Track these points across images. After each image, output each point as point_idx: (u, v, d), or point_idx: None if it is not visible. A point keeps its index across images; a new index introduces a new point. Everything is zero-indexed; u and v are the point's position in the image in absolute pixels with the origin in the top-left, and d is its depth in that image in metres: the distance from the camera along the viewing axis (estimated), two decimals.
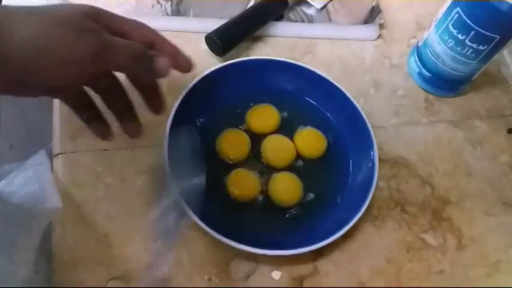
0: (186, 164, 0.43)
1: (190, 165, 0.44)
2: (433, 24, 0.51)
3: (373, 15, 0.56)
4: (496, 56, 0.49)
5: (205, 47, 0.52)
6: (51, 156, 0.46)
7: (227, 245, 0.39)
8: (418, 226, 0.47)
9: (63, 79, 0.34)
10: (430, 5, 0.61)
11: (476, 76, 0.52)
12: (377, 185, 0.43)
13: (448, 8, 0.48)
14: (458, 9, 0.46)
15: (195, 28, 0.54)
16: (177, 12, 0.55)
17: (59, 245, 0.41)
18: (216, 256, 0.42)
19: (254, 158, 0.46)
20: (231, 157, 0.45)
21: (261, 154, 0.46)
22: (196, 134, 0.43)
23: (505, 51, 0.56)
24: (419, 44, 0.54)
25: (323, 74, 0.48)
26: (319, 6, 0.56)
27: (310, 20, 0.56)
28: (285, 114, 0.49)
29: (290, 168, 0.46)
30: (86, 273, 0.40)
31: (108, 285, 0.40)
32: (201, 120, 0.47)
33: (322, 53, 0.56)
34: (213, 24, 0.51)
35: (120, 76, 0.41)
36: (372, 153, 0.44)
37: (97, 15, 0.35)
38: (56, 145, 0.46)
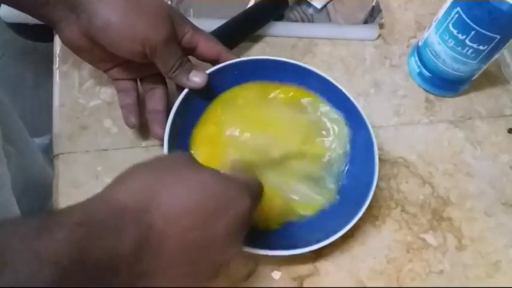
0: None
1: None
2: (433, 24, 0.51)
3: (373, 15, 0.56)
4: (497, 56, 0.49)
5: None
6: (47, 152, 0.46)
7: None
8: (418, 226, 0.47)
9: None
10: (430, 4, 0.61)
11: (476, 76, 0.52)
12: (377, 185, 0.43)
13: (448, 8, 0.48)
14: (458, 9, 0.46)
15: None
16: None
17: None
18: None
19: None
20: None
21: None
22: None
23: (505, 51, 0.56)
24: (420, 44, 0.54)
25: (323, 74, 0.47)
26: (319, 6, 0.56)
27: (311, 20, 0.56)
28: None
29: None
30: None
31: None
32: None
33: (322, 53, 0.55)
34: (213, 24, 0.51)
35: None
36: (372, 153, 0.44)
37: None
38: (56, 145, 0.46)
